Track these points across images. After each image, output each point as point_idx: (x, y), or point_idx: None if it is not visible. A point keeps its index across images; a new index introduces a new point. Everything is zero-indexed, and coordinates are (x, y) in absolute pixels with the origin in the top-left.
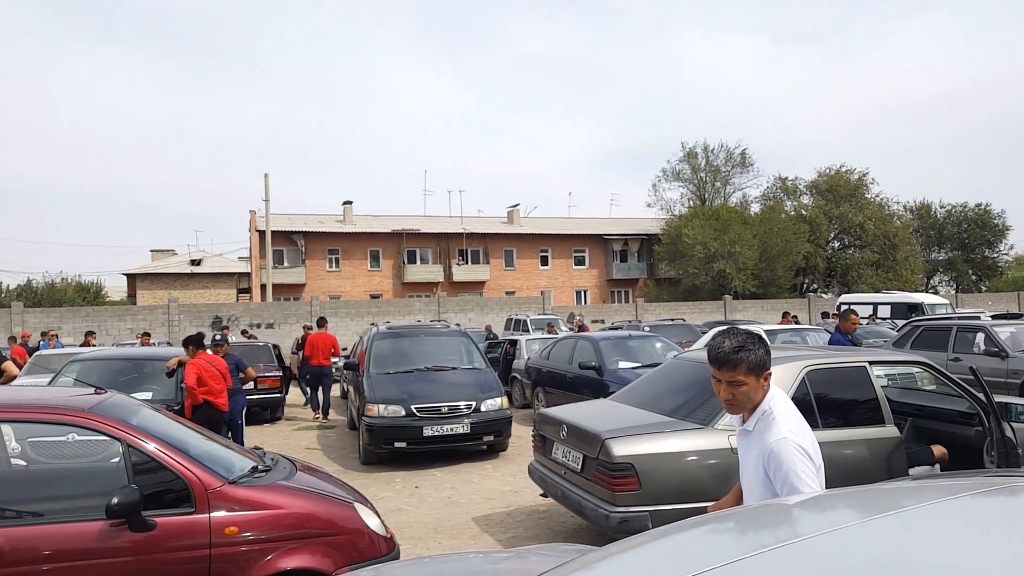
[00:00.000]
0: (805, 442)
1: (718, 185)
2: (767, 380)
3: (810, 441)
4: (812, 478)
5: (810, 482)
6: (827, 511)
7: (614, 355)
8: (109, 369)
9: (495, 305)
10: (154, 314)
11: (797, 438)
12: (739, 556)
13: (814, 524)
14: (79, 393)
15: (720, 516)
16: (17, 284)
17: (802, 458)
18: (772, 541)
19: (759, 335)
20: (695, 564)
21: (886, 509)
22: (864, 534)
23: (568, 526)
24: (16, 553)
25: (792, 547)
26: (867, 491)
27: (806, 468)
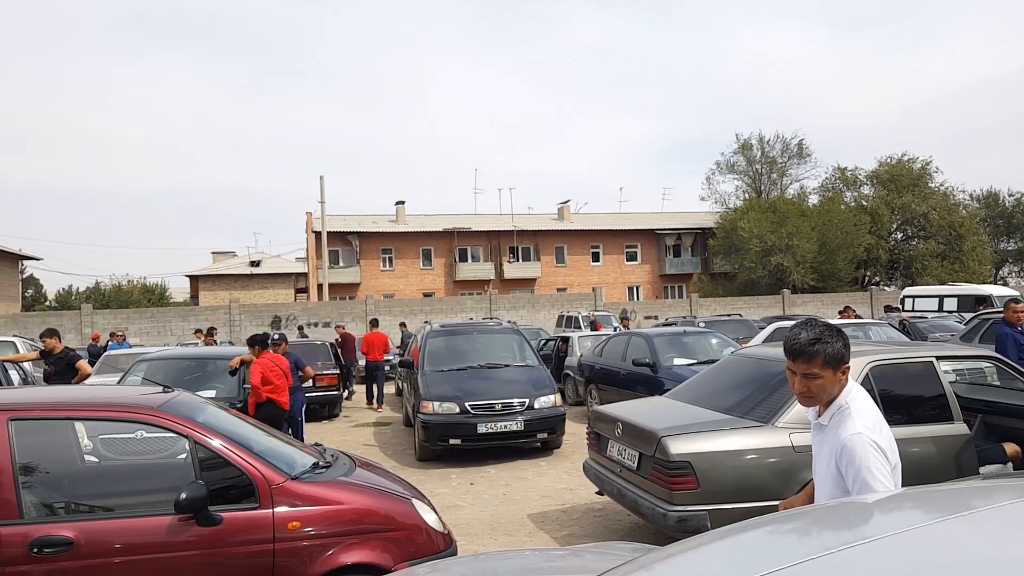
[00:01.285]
0: (881, 439)
1: (774, 177)
2: (845, 374)
3: (887, 438)
4: (886, 476)
5: (884, 480)
6: (894, 512)
7: (669, 352)
8: (174, 368)
9: (546, 302)
10: (216, 314)
11: (872, 434)
12: (801, 559)
13: (880, 526)
14: (148, 392)
15: (782, 517)
16: (87, 287)
17: (876, 454)
18: (835, 544)
19: (838, 328)
20: (757, 567)
21: (957, 510)
22: (933, 536)
23: (625, 524)
24: (91, 546)
25: (856, 550)
26: (936, 491)
27: (880, 465)
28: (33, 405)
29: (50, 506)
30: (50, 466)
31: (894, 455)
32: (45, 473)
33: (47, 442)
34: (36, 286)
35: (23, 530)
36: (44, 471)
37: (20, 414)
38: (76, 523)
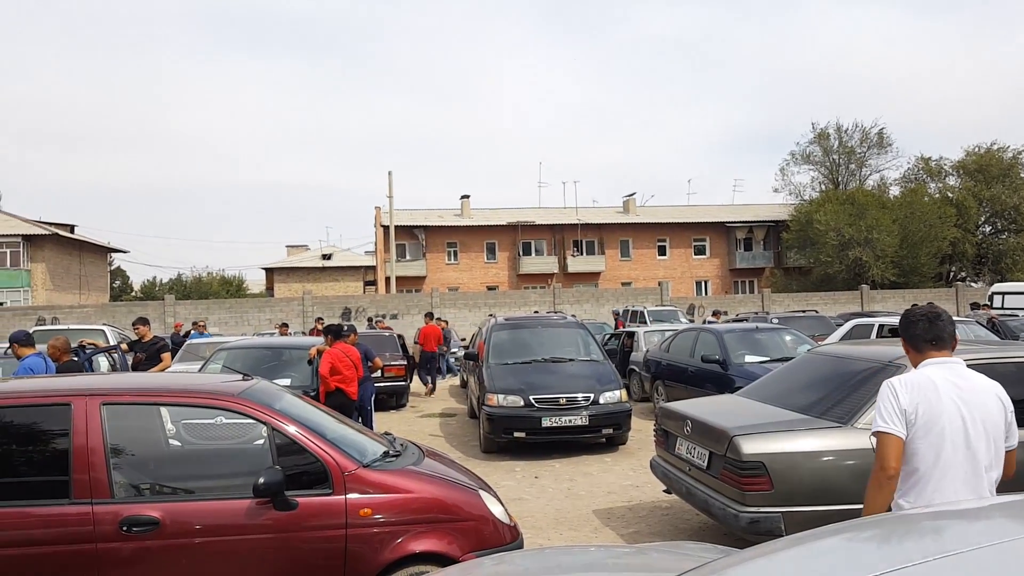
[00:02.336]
0: (901, 387)
1: (852, 167)
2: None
3: (912, 391)
4: (889, 414)
5: (883, 417)
6: (982, 522)
7: (740, 348)
8: (252, 357)
9: (610, 296)
10: (290, 306)
11: (894, 381)
12: (882, 571)
13: (968, 536)
14: (229, 379)
15: (861, 524)
16: (169, 278)
17: (888, 395)
18: (918, 555)
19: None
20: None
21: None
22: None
23: (693, 524)
24: (175, 526)
25: (941, 562)
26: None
27: (886, 404)
28: (123, 390)
29: (137, 487)
30: (138, 449)
31: (919, 410)
32: (133, 455)
33: (135, 426)
34: (123, 277)
35: (114, 509)
36: (132, 453)
37: (111, 399)
38: (161, 504)
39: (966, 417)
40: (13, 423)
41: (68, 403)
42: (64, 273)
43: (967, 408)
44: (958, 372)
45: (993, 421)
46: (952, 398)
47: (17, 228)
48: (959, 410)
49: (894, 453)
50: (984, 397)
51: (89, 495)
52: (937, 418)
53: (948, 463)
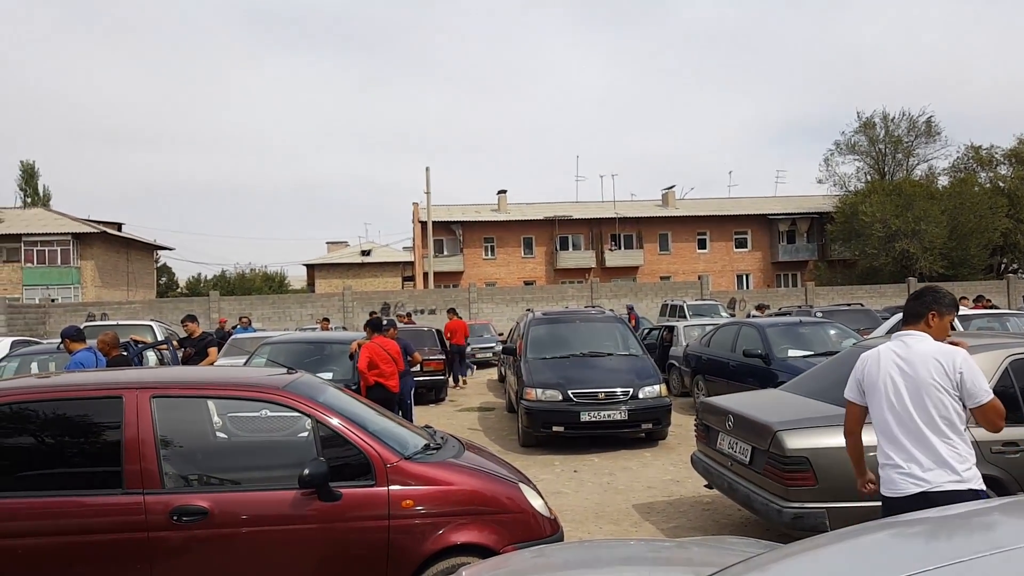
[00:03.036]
0: (859, 361)
1: (899, 157)
2: None
3: (862, 362)
4: (851, 386)
5: (847, 387)
6: None
7: (783, 343)
8: (295, 351)
9: (649, 290)
10: (331, 301)
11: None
12: (928, 567)
13: (1020, 532)
14: (273, 373)
15: (908, 520)
16: (214, 275)
17: (854, 369)
18: (967, 551)
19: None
20: (880, 573)
21: None
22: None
23: (735, 519)
24: (223, 516)
25: (990, 560)
26: None
27: (850, 377)
28: (172, 384)
29: (186, 477)
30: (186, 440)
31: (864, 378)
32: (182, 447)
33: (184, 418)
34: (169, 274)
35: (164, 499)
36: (181, 445)
37: (161, 392)
38: (209, 494)
39: (897, 381)
40: (68, 415)
41: (120, 396)
42: (112, 270)
43: (900, 374)
44: (904, 343)
45: (927, 383)
46: (888, 366)
47: (67, 227)
48: (890, 376)
49: (850, 417)
50: (921, 363)
51: (141, 485)
52: (874, 383)
53: (887, 420)
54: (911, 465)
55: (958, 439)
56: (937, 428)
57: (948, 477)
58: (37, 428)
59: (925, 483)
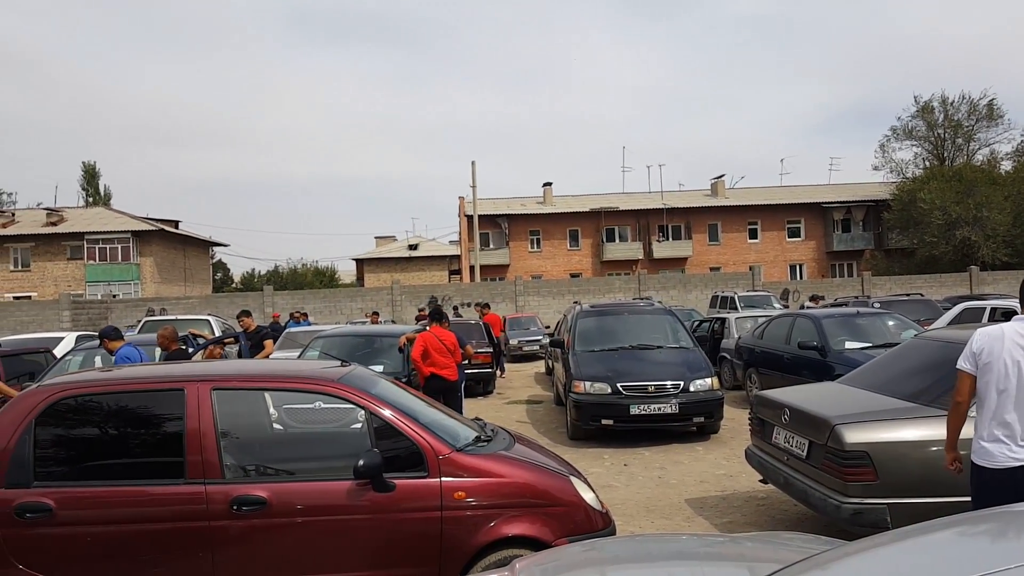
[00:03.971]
0: (978, 335)
1: (959, 142)
2: None
3: (982, 337)
4: (966, 357)
5: (963, 358)
6: None
7: (839, 334)
8: (347, 344)
9: (698, 282)
10: (379, 295)
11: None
12: (1001, 567)
13: None
14: (328, 365)
15: (974, 518)
16: (267, 270)
17: (970, 341)
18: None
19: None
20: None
21: None
22: None
23: (790, 515)
24: (281, 506)
25: None
26: None
27: (966, 349)
28: (231, 376)
29: (245, 468)
30: (245, 432)
31: (982, 353)
32: (241, 438)
33: (242, 410)
34: (224, 270)
35: (225, 489)
36: (240, 436)
37: (220, 384)
38: (268, 484)
39: (1020, 361)
40: (132, 407)
41: (182, 388)
42: (170, 266)
43: (1021, 353)
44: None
45: None
46: (1011, 346)
47: (127, 225)
48: (1012, 355)
49: (964, 387)
50: None
51: (202, 475)
52: (992, 361)
53: (995, 397)
54: (1012, 440)
55: None
56: None
57: None
58: (103, 420)
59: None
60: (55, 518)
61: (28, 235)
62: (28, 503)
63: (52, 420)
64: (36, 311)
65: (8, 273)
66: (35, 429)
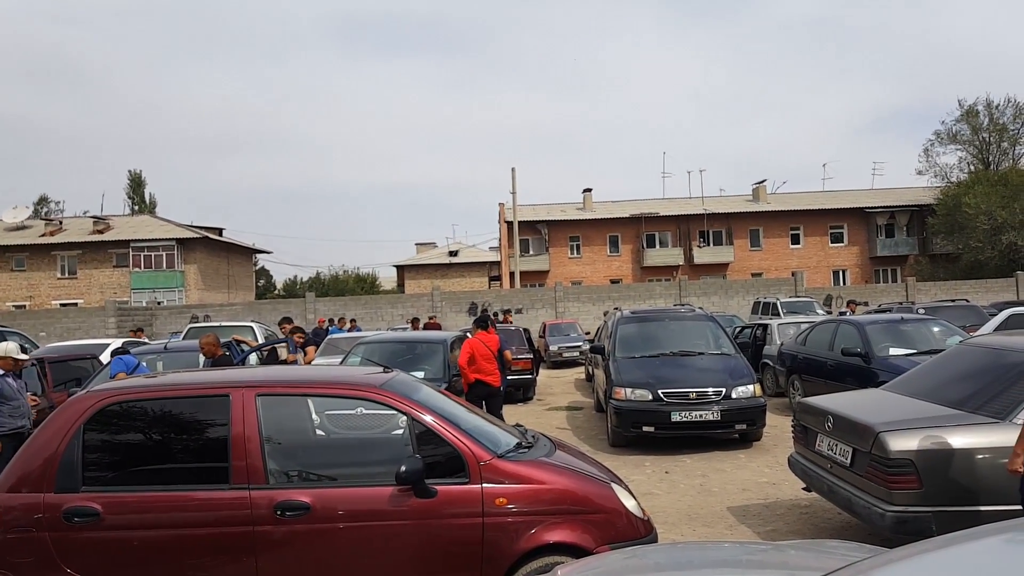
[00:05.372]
0: None
1: (1005, 146)
2: None
3: None
4: None
5: None
6: None
7: (884, 341)
8: (388, 351)
9: (740, 288)
10: (420, 301)
11: None
12: None
13: None
14: (370, 371)
15: (1020, 525)
16: (309, 277)
17: None
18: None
19: None
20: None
21: None
22: None
23: (834, 523)
24: (324, 511)
25: None
26: None
27: None
28: (275, 382)
29: (288, 473)
30: (288, 437)
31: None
32: (284, 444)
33: (286, 416)
34: (267, 277)
35: (269, 494)
36: (283, 442)
37: (265, 390)
38: (311, 489)
39: None
40: (178, 413)
41: (227, 394)
42: (213, 273)
43: None
44: None
45: None
46: None
47: (172, 232)
48: None
49: None
50: None
51: (246, 481)
52: None
53: None
54: None
55: None
56: None
57: None
58: (150, 426)
59: None
60: (103, 523)
61: (75, 243)
62: (76, 507)
63: (100, 426)
64: (82, 318)
65: (55, 280)
66: (83, 435)
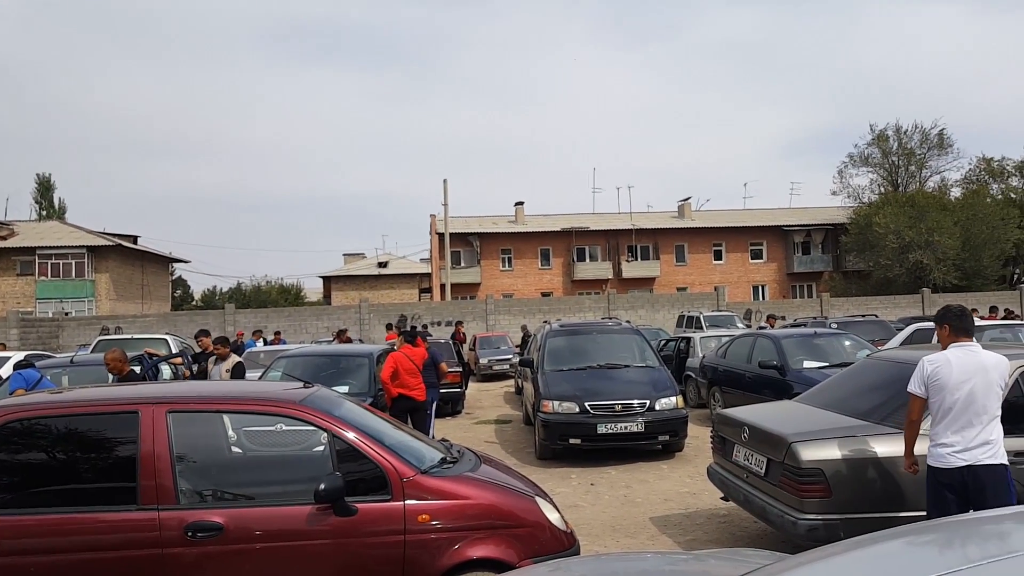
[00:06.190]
0: (928, 363)
1: (912, 169)
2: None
3: (934, 364)
4: (917, 382)
5: (914, 383)
6: None
7: (798, 354)
8: (311, 365)
9: (666, 302)
10: (347, 313)
11: (926, 359)
12: (941, 572)
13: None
14: (290, 387)
15: (920, 528)
16: (229, 287)
17: (920, 368)
18: (979, 556)
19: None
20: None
21: None
22: None
23: (751, 531)
24: (238, 531)
25: (1003, 564)
26: None
27: (917, 375)
28: (188, 398)
29: (201, 493)
30: (202, 456)
31: (933, 377)
32: (197, 462)
33: (199, 433)
34: (184, 287)
35: (179, 515)
36: (196, 460)
37: (176, 406)
38: (225, 509)
39: (969, 381)
40: (83, 430)
41: (136, 411)
42: (127, 283)
43: (970, 375)
44: (972, 351)
45: (990, 382)
46: (962, 370)
47: (82, 239)
48: (965, 377)
49: (915, 407)
50: (992, 366)
51: (156, 501)
52: (946, 382)
53: (949, 411)
54: (960, 446)
55: (998, 426)
56: (992, 417)
57: (987, 454)
58: (51, 444)
59: (970, 459)
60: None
61: None
62: None
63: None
64: None
65: None
66: None
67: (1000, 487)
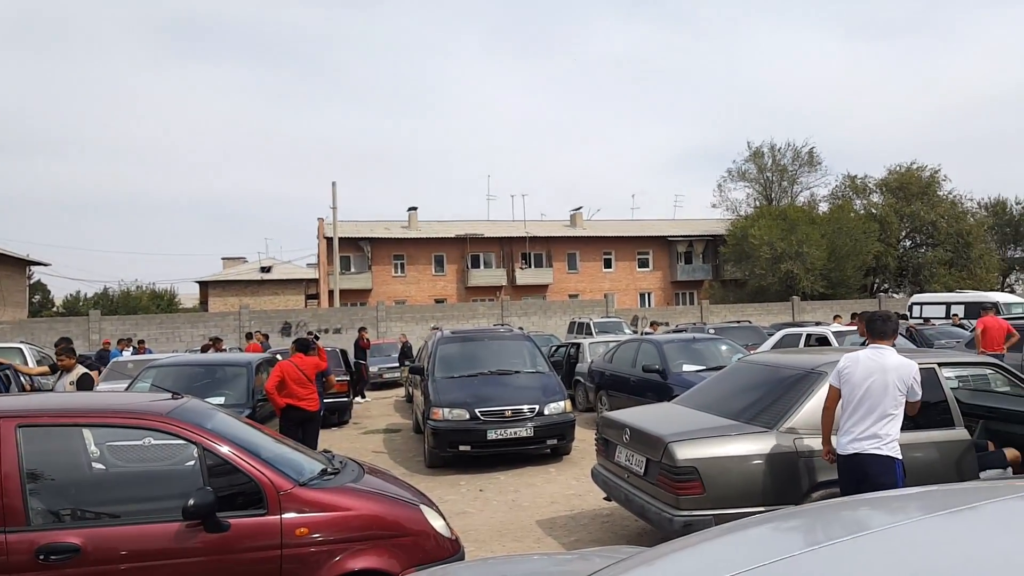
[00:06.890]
0: (843, 360)
1: (785, 184)
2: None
3: (846, 361)
4: (834, 376)
5: (832, 376)
6: (893, 507)
7: (678, 358)
8: (183, 375)
9: (558, 308)
10: (225, 320)
11: (844, 357)
12: (799, 550)
13: (878, 519)
14: (157, 398)
15: (784, 514)
16: (95, 293)
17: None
18: (835, 535)
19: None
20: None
21: (953, 505)
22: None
23: (632, 530)
24: (98, 552)
25: (854, 541)
26: (934, 490)
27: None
28: (41, 412)
29: (57, 513)
30: (57, 473)
31: (844, 372)
32: (53, 480)
33: (55, 449)
34: (43, 292)
35: (29, 537)
36: (52, 478)
37: (28, 421)
38: (83, 530)
39: (868, 379)
40: None
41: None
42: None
43: (873, 374)
44: (880, 353)
45: (888, 383)
46: (866, 367)
47: None
48: (866, 375)
49: (830, 397)
50: (892, 368)
51: (2, 523)
52: (851, 378)
53: (856, 404)
54: (852, 436)
55: (894, 423)
56: (884, 414)
57: (874, 446)
58: None
59: (858, 448)
60: None
61: None
62: None
63: None
64: None
65: None
66: None
67: (885, 477)
